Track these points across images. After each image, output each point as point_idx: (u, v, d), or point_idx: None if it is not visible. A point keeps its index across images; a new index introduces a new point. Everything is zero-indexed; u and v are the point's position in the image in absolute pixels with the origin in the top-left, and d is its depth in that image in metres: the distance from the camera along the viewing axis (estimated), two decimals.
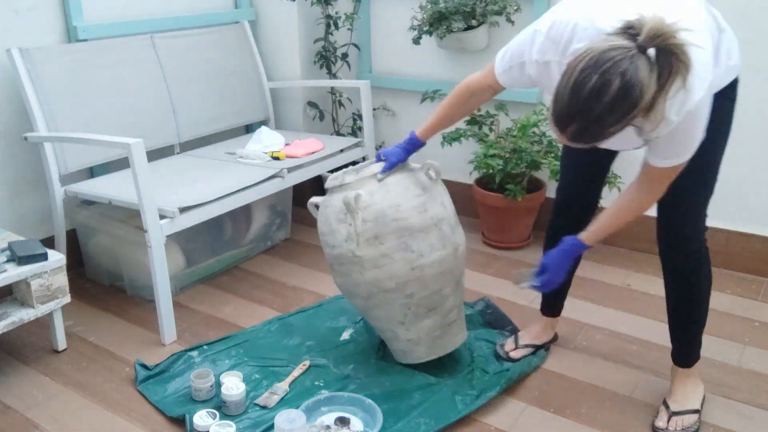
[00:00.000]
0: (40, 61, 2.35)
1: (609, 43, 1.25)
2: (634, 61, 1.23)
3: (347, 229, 1.82)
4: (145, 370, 2.02)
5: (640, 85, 1.23)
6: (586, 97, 1.25)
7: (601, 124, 1.26)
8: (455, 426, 1.79)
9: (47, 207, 2.50)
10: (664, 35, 1.23)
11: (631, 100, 1.23)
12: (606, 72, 1.23)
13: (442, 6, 2.69)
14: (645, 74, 1.23)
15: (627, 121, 1.27)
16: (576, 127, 1.28)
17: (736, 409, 1.84)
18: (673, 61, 1.24)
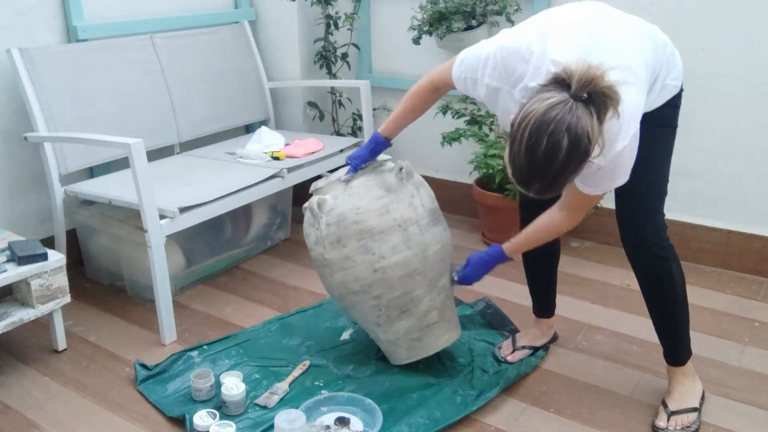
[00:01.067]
0: (40, 61, 2.35)
1: (546, 103, 1.32)
2: (574, 113, 1.31)
3: (315, 233, 1.86)
4: (145, 370, 2.02)
5: (587, 134, 1.31)
6: (541, 160, 1.32)
7: (561, 178, 1.36)
8: (455, 426, 1.79)
9: (47, 207, 2.50)
10: (594, 81, 1.32)
11: (583, 149, 1.32)
12: (553, 133, 1.30)
13: (442, 6, 2.69)
14: (587, 121, 1.31)
15: (584, 165, 1.37)
16: (539, 186, 1.37)
17: (736, 409, 1.84)
18: (606, 101, 1.34)
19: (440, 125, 2.96)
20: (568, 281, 2.52)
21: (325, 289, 2.00)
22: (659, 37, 1.63)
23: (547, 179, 1.35)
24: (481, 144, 2.75)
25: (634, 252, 1.73)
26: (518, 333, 2.12)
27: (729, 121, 2.50)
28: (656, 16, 2.52)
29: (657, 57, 1.58)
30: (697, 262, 2.67)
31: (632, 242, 1.72)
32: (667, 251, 1.71)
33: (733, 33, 2.40)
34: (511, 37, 1.55)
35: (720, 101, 2.49)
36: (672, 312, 1.76)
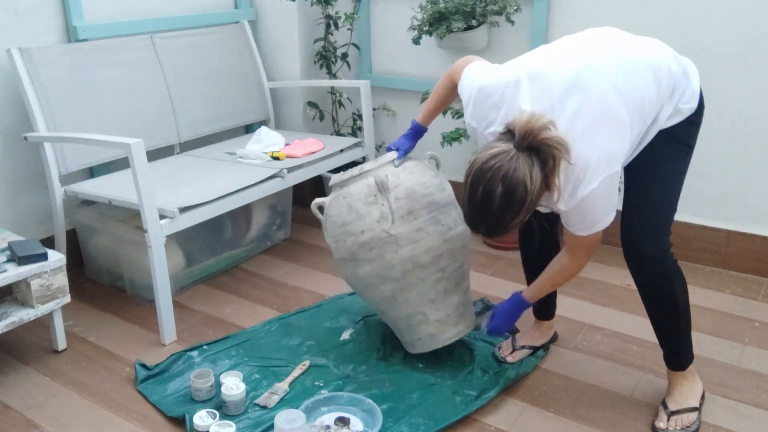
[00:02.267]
0: (40, 61, 2.35)
1: (490, 152, 1.43)
2: (513, 163, 1.41)
3: (380, 209, 1.87)
4: (145, 370, 2.02)
5: (523, 183, 1.41)
6: (479, 206, 1.45)
7: (501, 223, 1.46)
8: (455, 426, 1.79)
9: (47, 207, 2.50)
10: (532, 134, 1.41)
11: (518, 197, 1.41)
12: (489, 181, 1.42)
13: (442, 6, 2.69)
14: (525, 170, 1.41)
15: (526, 212, 1.45)
16: (484, 228, 1.50)
17: (736, 409, 1.84)
18: (549, 151, 1.42)
19: (440, 125, 2.96)
20: None
21: (350, 283, 2.01)
22: (664, 63, 1.59)
23: (488, 223, 1.47)
24: None
25: (636, 269, 1.71)
26: (518, 333, 2.12)
27: (729, 121, 2.50)
28: (657, 16, 2.53)
29: (660, 90, 1.57)
30: (697, 262, 2.67)
31: (633, 261, 1.69)
32: (669, 269, 1.69)
33: (733, 33, 2.40)
34: (491, 80, 1.61)
35: (720, 101, 2.49)
36: (674, 322, 1.75)
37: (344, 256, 1.95)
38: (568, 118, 1.48)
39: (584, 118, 1.48)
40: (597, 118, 1.48)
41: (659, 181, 1.65)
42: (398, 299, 1.93)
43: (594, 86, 1.48)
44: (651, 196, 1.66)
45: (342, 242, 1.93)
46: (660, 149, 1.63)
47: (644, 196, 1.66)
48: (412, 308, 1.94)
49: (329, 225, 1.98)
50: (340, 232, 1.93)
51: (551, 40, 2.75)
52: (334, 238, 1.96)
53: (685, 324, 1.76)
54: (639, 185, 1.67)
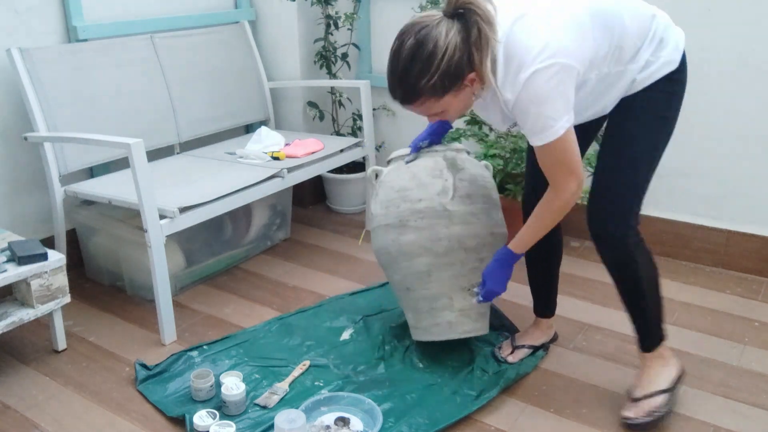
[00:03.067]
0: (40, 61, 2.35)
1: (421, 14, 1.49)
2: (432, 22, 1.46)
3: (443, 183, 1.92)
4: (145, 370, 2.02)
5: (434, 38, 1.44)
6: (391, 60, 1.52)
7: (407, 78, 1.48)
8: (455, 426, 1.79)
9: (47, 207, 2.50)
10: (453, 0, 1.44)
11: (426, 51, 1.44)
12: (404, 34, 1.48)
13: (441, 6, 2.69)
14: (442, 30, 1.44)
15: (440, 75, 1.45)
16: (398, 91, 1.54)
17: (736, 409, 1.84)
18: (472, 18, 1.43)
19: None
20: (568, 281, 2.52)
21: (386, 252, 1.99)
22: (648, 6, 1.60)
23: (396, 77, 1.51)
24: (481, 144, 2.75)
25: (598, 242, 1.71)
26: (518, 333, 2.12)
27: (729, 121, 2.50)
28: None
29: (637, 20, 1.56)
30: (697, 262, 2.67)
31: (596, 231, 1.70)
32: (632, 248, 1.68)
33: (733, 32, 2.40)
34: None
35: (720, 101, 2.49)
36: (638, 302, 1.75)
37: (391, 222, 1.95)
38: (521, 10, 1.50)
39: (537, 10, 1.49)
40: (551, 10, 1.49)
41: (628, 163, 1.64)
42: (432, 276, 1.92)
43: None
44: (618, 179, 1.65)
45: (394, 207, 1.95)
46: (632, 125, 1.61)
47: (611, 179, 1.65)
48: (442, 289, 1.93)
49: (383, 190, 2.00)
50: (396, 197, 1.96)
51: None
52: (386, 203, 1.98)
53: (653, 304, 1.75)
54: (607, 166, 1.66)
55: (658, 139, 1.66)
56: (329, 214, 3.34)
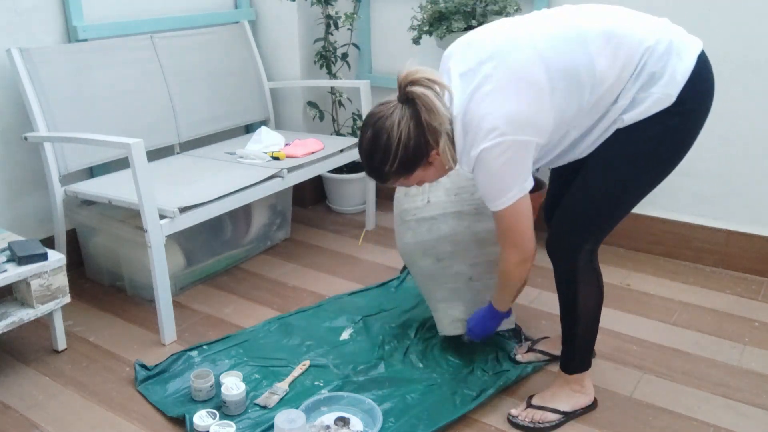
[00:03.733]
0: (40, 61, 2.35)
1: (380, 103, 1.54)
2: (387, 112, 1.50)
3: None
4: (145, 370, 2.02)
5: (388, 130, 1.49)
6: (359, 147, 1.57)
7: (373, 166, 1.55)
8: (455, 426, 1.79)
9: (47, 207, 2.50)
10: (401, 87, 1.49)
11: (382, 142, 1.50)
12: (364, 126, 1.55)
13: (442, 6, 2.69)
14: (395, 119, 1.48)
15: (400, 162, 1.50)
16: (367, 172, 1.59)
17: (736, 409, 1.84)
18: (419, 101, 1.47)
19: None
20: None
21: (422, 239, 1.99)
22: (631, 34, 1.47)
23: (369, 169, 1.57)
24: None
25: (550, 255, 1.71)
26: (544, 338, 2.10)
27: (729, 121, 2.50)
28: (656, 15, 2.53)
29: (616, 60, 1.45)
30: (697, 262, 2.67)
31: (550, 247, 1.70)
32: (579, 275, 1.67)
33: (733, 32, 2.40)
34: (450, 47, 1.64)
35: (720, 101, 2.49)
36: (572, 326, 1.74)
37: (465, 209, 1.95)
38: (477, 82, 1.47)
39: (492, 81, 1.45)
40: (506, 82, 1.44)
41: (589, 196, 1.61)
42: (448, 264, 1.96)
43: (513, 56, 1.46)
44: (576, 208, 1.63)
45: (467, 194, 1.96)
46: (610, 158, 1.56)
47: (572, 203, 1.64)
48: (479, 272, 1.97)
49: (450, 178, 1.97)
50: (468, 185, 1.96)
51: None
52: (455, 189, 1.98)
53: (584, 332, 1.75)
54: (574, 188, 1.63)
55: (635, 177, 1.57)
56: (329, 214, 3.34)
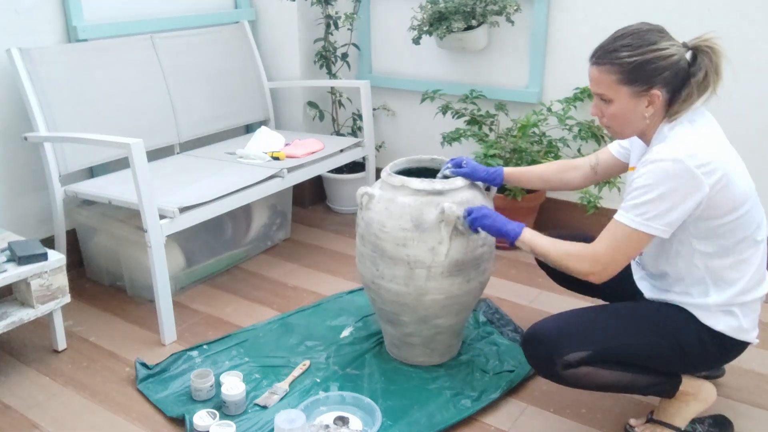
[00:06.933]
0: (40, 61, 2.35)
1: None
2: (666, 36, 1.48)
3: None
4: (146, 368, 2.02)
5: (661, 37, 1.46)
6: (619, 29, 1.52)
7: (616, 42, 1.49)
8: (455, 426, 1.79)
9: (47, 207, 2.50)
10: (704, 39, 1.47)
11: (647, 37, 1.46)
12: (644, 24, 1.50)
13: (442, 6, 2.69)
14: (671, 43, 1.46)
15: (637, 59, 1.45)
16: (598, 52, 1.51)
17: (736, 409, 1.84)
18: (707, 60, 1.46)
19: (440, 125, 2.96)
20: None
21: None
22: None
23: (609, 41, 1.50)
24: (481, 144, 2.76)
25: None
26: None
27: (729, 121, 2.49)
28: (656, 16, 2.53)
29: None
30: None
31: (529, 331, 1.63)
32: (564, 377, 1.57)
33: (733, 32, 2.40)
34: None
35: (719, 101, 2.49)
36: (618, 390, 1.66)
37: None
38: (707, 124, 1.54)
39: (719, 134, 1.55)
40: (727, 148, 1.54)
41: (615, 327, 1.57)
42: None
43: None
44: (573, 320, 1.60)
45: None
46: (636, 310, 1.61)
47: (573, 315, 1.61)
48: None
49: None
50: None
51: (551, 40, 2.76)
52: None
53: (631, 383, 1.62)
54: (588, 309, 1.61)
55: (651, 340, 1.56)
56: (329, 214, 3.34)
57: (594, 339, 1.56)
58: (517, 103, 2.88)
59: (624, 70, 1.47)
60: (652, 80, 1.47)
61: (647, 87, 1.47)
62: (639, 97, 1.49)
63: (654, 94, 1.48)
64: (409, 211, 1.81)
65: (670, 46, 1.46)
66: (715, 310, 1.54)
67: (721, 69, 1.47)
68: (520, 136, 2.68)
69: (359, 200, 1.91)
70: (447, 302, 1.87)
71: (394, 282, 1.85)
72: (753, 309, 1.57)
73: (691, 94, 1.48)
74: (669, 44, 1.46)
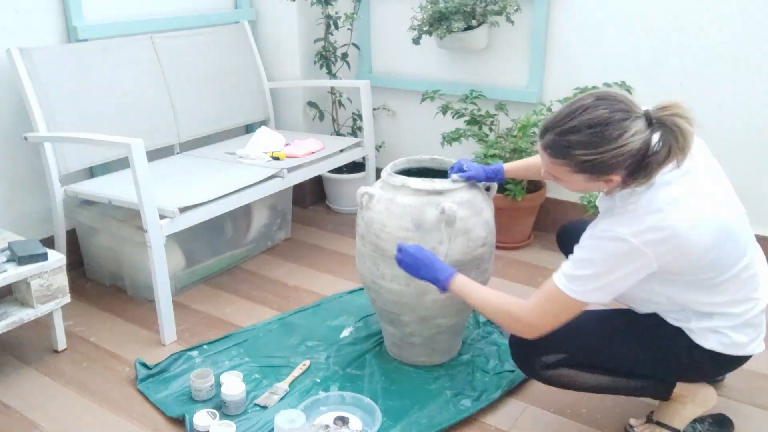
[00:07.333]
0: (40, 61, 2.35)
1: (625, 94, 1.36)
2: (630, 116, 1.32)
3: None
4: (146, 368, 2.02)
5: (622, 130, 1.31)
6: (572, 109, 1.36)
7: (569, 137, 1.35)
8: (455, 426, 1.79)
9: (47, 207, 2.50)
10: (669, 109, 1.31)
11: (606, 134, 1.32)
12: (601, 99, 1.34)
13: (442, 6, 2.69)
14: (635, 129, 1.31)
15: (593, 159, 1.34)
16: (551, 129, 1.39)
17: (736, 409, 1.84)
18: (672, 130, 1.31)
19: (440, 125, 2.96)
20: None
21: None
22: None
23: (560, 132, 1.36)
24: (481, 144, 2.76)
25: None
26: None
27: (729, 121, 2.50)
28: (656, 16, 2.53)
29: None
30: None
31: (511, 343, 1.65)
32: (545, 377, 1.61)
33: (733, 32, 2.40)
34: None
35: (719, 101, 2.49)
36: (608, 392, 1.68)
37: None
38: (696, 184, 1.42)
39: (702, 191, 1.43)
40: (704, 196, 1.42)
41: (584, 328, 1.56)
42: None
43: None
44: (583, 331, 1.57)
45: None
46: (630, 319, 1.58)
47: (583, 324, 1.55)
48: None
49: None
50: None
51: (551, 40, 2.76)
52: None
53: (620, 386, 1.64)
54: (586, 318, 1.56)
55: (634, 348, 1.57)
56: (329, 214, 3.34)
57: (571, 343, 1.57)
58: (517, 103, 2.87)
59: (579, 165, 1.37)
60: (610, 171, 1.37)
61: (605, 175, 1.39)
62: (596, 180, 1.41)
63: (612, 179, 1.39)
64: (409, 211, 1.81)
65: (631, 137, 1.31)
66: (700, 331, 1.50)
67: (689, 147, 1.33)
68: (520, 136, 2.68)
69: (359, 200, 1.91)
70: (447, 302, 1.87)
71: (395, 282, 1.85)
72: (750, 324, 1.50)
73: (650, 172, 1.36)
74: (630, 136, 1.31)
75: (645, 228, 1.35)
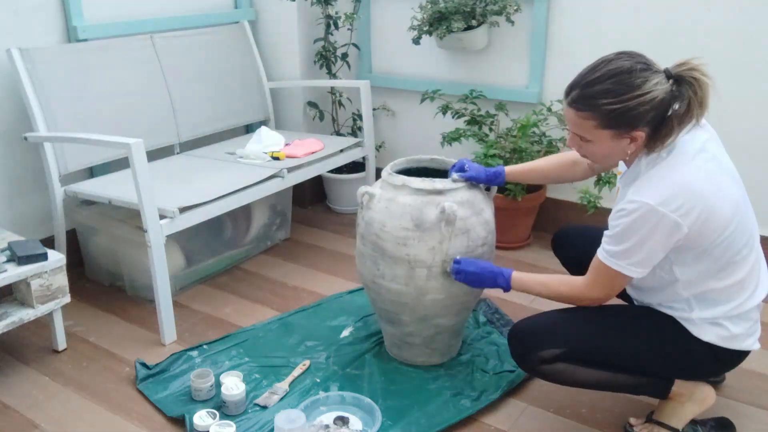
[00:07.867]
0: (40, 61, 2.35)
1: (644, 56, 1.43)
2: (651, 68, 1.40)
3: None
4: (146, 368, 2.02)
5: (644, 79, 1.38)
6: (595, 64, 1.44)
7: (593, 90, 1.41)
8: (455, 426, 1.79)
9: (47, 207, 2.50)
10: (688, 65, 1.40)
11: (629, 81, 1.38)
12: (624, 55, 1.42)
13: (442, 6, 2.69)
14: (654, 82, 1.38)
15: (618, 107, 1.38)
16: (575, 87, 1.45)
17: (736, 409, 1.84)
18: (692, 84, 1.39)
19: (440, 125, 2.96)
20: None
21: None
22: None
23: (585, 85, 1.43)
24: (481, 144, 2.76)
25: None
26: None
27: (728, 121, 2.49)
28: (656, 16, 2.53)
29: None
30: None
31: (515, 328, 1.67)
32: (543, 372, 1.61)
33: (733, 32, 2.40)
34: None
35: (719, 101, 2.49)
36: (605, 389, 1.67)
37: None
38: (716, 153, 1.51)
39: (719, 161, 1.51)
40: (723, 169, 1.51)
41: (579, 320, 1.60)
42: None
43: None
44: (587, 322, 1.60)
45: None
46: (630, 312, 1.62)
47: (557, 313, 1.62)
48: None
49: None
50: None
51: (551, 40, 2.76)
52: None
53: (616, 383, 1.64)
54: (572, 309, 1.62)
55: (652, 344, 1.58)
56: (329, 214, 3.34)
57: (568, 338, 1.58)
58: (517, 103, 2.87)
59: (605, 117, 1.41)
60: (635, 124, 1.41)
61: (630, 129, 1.43)
62: (621, 138, 1.45)
63: (637, 135, 1.43)
64: (409, 211, 1.81)
65: (654, 86, 1.38)
66: (701, 322, 1.53)
67: (707, 100, 1.41)
68: (520, 136, 2.68)
69: (360, 199, 1.91)
70: (447, 302, 1.87)
71: (395, 281, 1.85)
72: (747, 318, 1.54)
73: (672, 129, 1.42)
74: (652, 85, 1.38)
75: (671, 194, 1.39)
